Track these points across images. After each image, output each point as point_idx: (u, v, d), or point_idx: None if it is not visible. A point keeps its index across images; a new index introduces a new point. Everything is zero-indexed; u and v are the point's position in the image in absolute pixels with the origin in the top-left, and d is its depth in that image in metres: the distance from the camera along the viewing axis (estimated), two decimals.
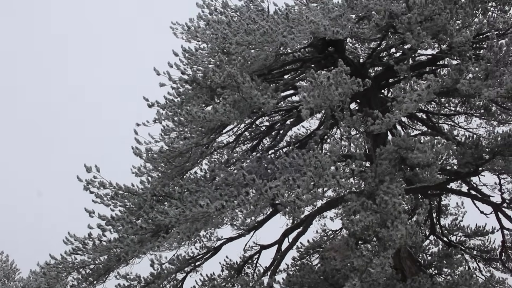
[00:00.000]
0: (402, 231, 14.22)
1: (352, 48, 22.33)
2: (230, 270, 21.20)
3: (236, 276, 20.71)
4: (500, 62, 16.18)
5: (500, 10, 18.67)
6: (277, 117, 21.79)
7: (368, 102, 19.25)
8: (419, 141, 16.47)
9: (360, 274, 15.04)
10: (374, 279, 14.99)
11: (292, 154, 14.48)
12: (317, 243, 22.71)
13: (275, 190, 13.21)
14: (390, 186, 15.51)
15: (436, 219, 23.44)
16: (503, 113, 19.69)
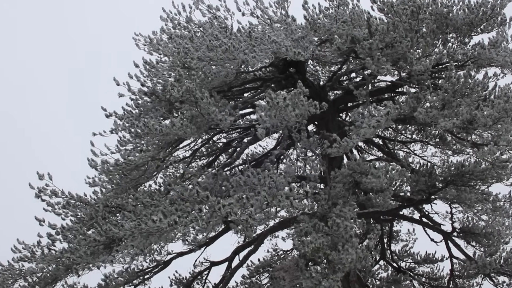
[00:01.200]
0: (353, 255, 14.29)
1: (313, 70, 22.46)
2: (179, 285, 21.09)
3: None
4: (457, 93, 16.42)
5: (460, 42, 18.95)
6: (235, 134, 21.83)
7: (326, 125, 19.39)
8: (374, 166, 16.60)
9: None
10: None
11: (247, 172, 14.47)
12: (268, 263, 22.67)
13: (228, 208, 13.15)
14: (343, 209, 15.61)
15: (387, 245, 23.58)
16: (458, 143, 19.95)
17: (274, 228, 19.78)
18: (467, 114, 15.48)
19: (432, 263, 23.26)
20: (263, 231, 19.72)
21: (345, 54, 18.71)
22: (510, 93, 16.16)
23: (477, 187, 19.23)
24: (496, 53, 17.96)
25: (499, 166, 17.16)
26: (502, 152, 16.32)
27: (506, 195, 20.16)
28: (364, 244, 15.86)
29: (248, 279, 22.02)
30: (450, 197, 19.41)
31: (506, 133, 16.00)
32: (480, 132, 18.27)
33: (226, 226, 18.40)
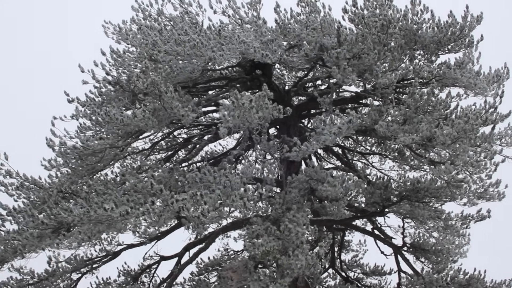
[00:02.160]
0: (302, 261, 14.34)
1: (280, 74, 22.49)
2: (127, 276, 20.99)
3: (131, 284, 20.50)
4: (419, 110, 16.57)
5: (427, 59, 19.10)
6: (196, 131, 21.75)
7: (287, 130, 19.42)
8: (331, 175, 16.69)
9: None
10: None
11: (204, 170, 14.45)
12: (217, 261, 22.63)
13: (181, 204, 13.13)
14: (296, 215, 15.65)
15: (337, 253, 23.71)
16: (415, 159, 20.06)
17: (226, 228, 19.73)
18: (427, 131, 15.63)
19: (380, 275, 23.45)
20: (215, 229, 19.61)
21: (312, 61, 18.75)
22: (471, 114, 16.33)
23: (431, 204, 19.48)
24: (461, 74, 18.13)
25: (454, 185, 17.38)
26: (458, 172, 16.53)
27: (458, 214, 20.44)
28: (314, 251, 15.89)
29: (197, 277, 21.97)
30: (404, 211, 19.63)
31: (464, 153, 16.19)
32: (438, 150, 18.44)
33: (178, 222, 18.35)
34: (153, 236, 19.44)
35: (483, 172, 17.17)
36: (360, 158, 23.57)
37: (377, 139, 21.32)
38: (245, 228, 16.45)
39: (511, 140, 18.77)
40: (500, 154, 18.16)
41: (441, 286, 19.62)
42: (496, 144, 18.48)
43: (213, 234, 19.57)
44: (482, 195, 18.34)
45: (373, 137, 21.16)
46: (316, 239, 19.64)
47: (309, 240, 17.52)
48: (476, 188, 18.17)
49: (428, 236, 21.55)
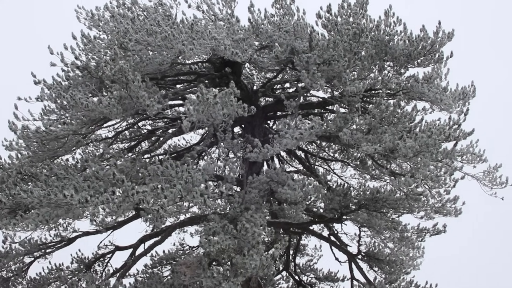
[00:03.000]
0: (257, 261, 14.36)
1: (249, 73, 22.50)
2: (80, 264, 20.84)
3: (84, 271, 20.36)
4: (384, 120, 16.66)
5: (396, 71, 19.23)
6: (161, 123, 21.67)
7: (252, 130, 19.44)
8: (292, 178, 16.75)
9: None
10: None
11: (166, 163, 14.39)
12: (172, 256, 22.53)
13: (141, 196, 13.07)
14: (254, 215, 15.67)
15: (292, 257, 23.78)
16: (377, 169, 20.20)
17: (184, 223, 19.70)
18: (390, 143, 15.72)
19: (333, 281, 23.56)
20: (172, 224, 19.60)
21: (282, 63, 18.77)
22: (434, 129, 16.47)
23: (388, 214, 19.60)
24: (428, 89, 18.27)
25: (413, 198, 17.52)
26: (418, 185, 16.65)
27: (415, 227, 20.61)
28: (269, 252, 15.90)
29: (150, 269, 21.84)
30: (361, 220, 19.75)
31: (424, 167, 16.31)
32: (400, 162, 18.60)
33: (136, 213, 18.26)
34: (109, 225, 19.36)
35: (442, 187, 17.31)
36: (322, 163, 23.67)
37: (341, 146, 21.44)
38: (202, 224, 16.42)
39: (472, 157, 18.99)
40: (460, 171, 18.31)
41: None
42: (457, 160, 18.68)
43: (170, 228, 19.51)
44: (439, 209, 18.53)
45: (336, 144, 21.25)
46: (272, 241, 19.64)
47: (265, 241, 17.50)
48: (434, 203, 18.36)
49: (383, 246, 21.70)
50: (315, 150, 23.40)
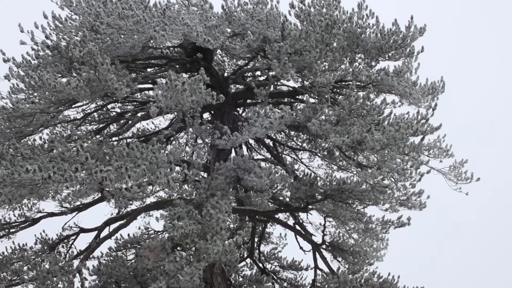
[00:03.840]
0: (219, 246, 14.41)
1: (220, 60, 22.47)
2: (44, 245, 20.70)
3: (48, 252, 20.25)
4: (353, 112, 16.74)
5: (366, 63, 19.32)
6: (130, 106, 21.60)
7: (222, 116, 19.45)
8: (259, 165, 16.80)
9: (169, 279, 15.08)
10: (181, 286, 15.06)
11: (132, 145, 14.36)
12: (137, 239, 22.48)
13: (105, 174, 13.03)
14: (219, 202, 15.70)
15: (257, 244, 23.83)
16: (344, 160, 20.28)
17: (149, 207, 19.62)
18: (358, 135, 15.80)
19: (297, 270, 23.65)
20: (138, 207, 19.55)
21: (254, 51, 18.80)
22: (402, 123, 16.57)
23: (354, 206, 19.73)
24: (398, 82, 18.37)
25: (378, 190, 17.65)
26: (384, 178, 16.77)
27: (379, 219, 20.78)
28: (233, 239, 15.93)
29: (114, 252, 21.79)
30: (326, 210, 19.86)
31: (391, 160, 16.43)
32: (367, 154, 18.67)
33: (101, 196, 18.20)
34: (74, 207, 19.28)
35: (408, 181, 17.48)
36: (290, 152, 23.73)
37: (309, 136, 21.50)
38: (167, 209, 16.40)
39: (438, 152, 19.14)
40: (426, 165, 18.49)
41: (355, 287, 19.92)
42: (423, 154, 18.84)
43: (135, 211, 19.46)
44: (404, 202, 18.70)
45: (305, 134, 21.32)
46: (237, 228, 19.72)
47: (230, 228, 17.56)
48: (399, 195, 18.53)
49: (347, 237, 21.87)
50: (284, 139, 23.45)
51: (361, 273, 20.33)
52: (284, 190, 19.79)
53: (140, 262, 17.01)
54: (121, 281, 18.47)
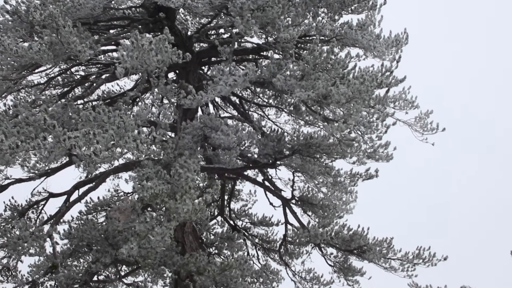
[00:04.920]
0: (189, 205, 14.44)
1: (183, 19, 22.33)
2: (13, 211, 20.63)
3: (18, 218, 20.18)
4: (317, 67, 16.73)
5: (330, 18, 19.27)
6: (94, 69, 21.43)
7: (186, 75, 19.40)
8: (226, 123, 16.80)
9: (140, 240, 15.13)
10: (152, 246, 15.14)
11: (99, 109, 14.28)
12: (106, 202, 22.41)
13: (73, 141, 12.96)
14: (187, 161, 15.70)
15: (227, 202, 23.92)
16: (310, 115, 20.33)
17: (118, 169, 19.59)
18: (323, 89, 15.82)
19: (268, 226, 23.79)
20: (106, 170, 19.52)
21: (217, 8, 18.65)
22: (367, 76, 16.59)
23: (322, 160, 19.84)
24: (362, 35, 18.38)
25: (345, 144, 17.76)
26: (350, 131, 16.86)
27: (348, 172, 20.92)
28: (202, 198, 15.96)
29: (85, 216, 21.75)
30: (295, 165, 19.96)
31: (357, 113, 16.50)
32: (333, 108, 18.74)
33: (69, 160, 18.13)
34: (42, 172, 19.19)
35: (374, 133, 17.60)
36: (256, 109, 23.75)
37: (275, 92, 21.52)
38: (136, 170, 16.39)
39: (404, 104, 19.28)
40: (392, 117, 18.66)
41: (325, 240, 20.17)
42: (389, 106, 18.95)
43: (104, 174, 19.44)
44: (371, 155, 18.85)
45: (270, 90, 21.33)
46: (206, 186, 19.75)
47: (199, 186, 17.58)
48: (366, 148, 18.68)
49: (316, 191, 22.00)
50: (250, 96, 23.44)
51: (331, 226, 20.53)
52: (252, 146, 19.81)
53: (111, 224, 17.02)
54: (93, 244, 18.50)
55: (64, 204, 19.72)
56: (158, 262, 17.29)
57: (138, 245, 15.07)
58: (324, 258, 21.75)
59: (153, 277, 20.76)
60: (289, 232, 22.44)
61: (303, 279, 23.03)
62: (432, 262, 20.13)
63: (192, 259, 17.43)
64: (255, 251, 24.05)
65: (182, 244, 18.73)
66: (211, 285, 16.90)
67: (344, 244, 20.27)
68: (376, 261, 20.49)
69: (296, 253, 22.80)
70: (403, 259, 20.37)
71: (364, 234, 20.06)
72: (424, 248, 20.18)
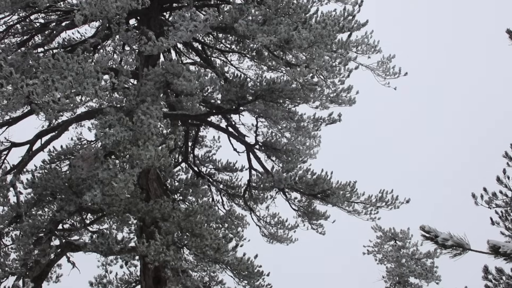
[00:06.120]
0: (152, 152, 14.43)
1: None
2: None
3: None
4: (279, 11, 16.69)
5: None
6: (54, 16, 21.09)
7: (148, 22, 19.22)
8: (188, 69, 16.70)
9: (103, 187, 15.13)
10: (116, 193, 15.14)
11: (58, 56, 14.12)
12: (69, 150, 22.19)
13: (31, 88, 12.84)
14: (150, 107, 15.65)
15: (191, 148, 23.89)
16: (273, 60, 20.30)
17: (80, 117, 19.43)
18: (285, 34, 15.83)
19: (232, 171, 23.80)
20: (69, 118, 19.34)
21: None
22: (329, 20, 16.61)
23: (285, 105, 19.88)
24: None
25: (308, 88, 17.82)
26: (313, 75, 16.91)
27: (311, 117, 20.97)
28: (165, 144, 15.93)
29: (48, 164, 21.60)
30: (258, 110, 19.96)
31: (319, 57, 16.55)
32: (295, 53, 18.74)
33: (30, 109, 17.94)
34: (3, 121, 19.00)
35: (337, 77, 17.70)
36: (219, 55, 23.61)
37: (237, 37, 21.37)
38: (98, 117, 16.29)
39: (366, 48, 19.31)
40: (355, 61, 18.71)
41: (289, 184, 20.30)
42: (351, 51, 18.99)
43: (66, 122, 19.27)
44: (334, 99, 18.94)
45: (233, 35, 21.17)
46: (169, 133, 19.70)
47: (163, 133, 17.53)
48: (329, 93, 18.75)
49: (280, 136, 22.05)
50: (212, 42, 23.28)
51: (295, 171, 20.62)
52: (214, 92, 19.76)
53: (74, 172, 16.96)
54: (57, 192, 18.42)
55: (27, 153, 19.55)
56: (122, 209, 17.30)
57: (101, 192, 15.09)
58: (288, 203, 21.91)
59: (118, 225, 20.78)
60: (253, 177, 22.52)
61: (268, 224, 23.25)
62: (395, 205, 20.40)
63: (157, 205, 17.46)
64: (219, 197, 24.14)
65: (147, 191, 18.75)
66: (176, 231, 16.96)
67: (308, 188, 20.39)
68: (339, 205, 20.69)
69: (260, 198, 22.92)
70: (366, 202, 20.60)
71: (327, 178, 20.17)
72: (387, 191, 20.42)
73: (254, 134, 21.78)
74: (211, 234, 16.68)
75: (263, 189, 22.18)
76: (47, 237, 17.84)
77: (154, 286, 17.99)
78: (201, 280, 18.49)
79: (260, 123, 21.50)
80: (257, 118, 21.15)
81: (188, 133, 22.89)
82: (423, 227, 7.71)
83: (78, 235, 21.16)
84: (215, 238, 16.53)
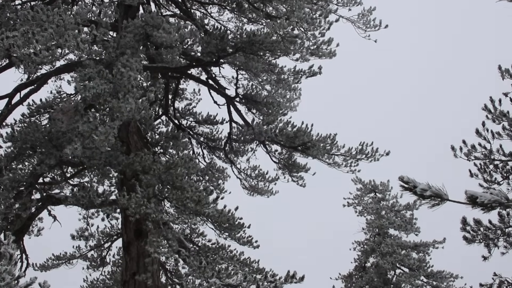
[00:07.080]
0: (132, 104, 14.37)
1: None
2: None
3: None
4: None
5: None
6: None
7: None
8: (167, 21, 16.57)
9: (84, 140, 15.10)
10: (96, 146, 15.12)
11: (37, 8, 13.97)
12: (49, 104, 22.06)
13: (11, 41, 12.73)
14: (130, 60, 15.54)
15: (171, 101, 23.78)
16: (253, 12, 20.18)
17: (60, 70, 19.28)
18: None
19: (212, 124, 23.75)
20: (48, 71, 19.18)
21: None
22: None
23: (265, 57, 19.77)
24: None
25: (289, 41, 17.74)
26: (293, 28, 16.83)
27: (291, 69, 20.94)
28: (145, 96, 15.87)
29: (28, 118, 21.49)
30: (238, 63, 19.87)
31: (300, 9, 16.48)
32: (276, 5, 18.63)
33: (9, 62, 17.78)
34: None
35: (317, 30, 17.62)
36: (199, 7, 23.37)
37: None
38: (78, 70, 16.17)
39: (347, 0, 19.25)
40: (335, 14, 18.63)
41: (270, 137, 20.35)
42: (332, 3, 18.93)
43: (45, 75, 19.14)
44: (314, 52, 18.87)
45: None
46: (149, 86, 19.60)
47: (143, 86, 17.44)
48: (309, 45, 18.66)
49: (260, 89, 21.99)
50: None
51: (275, 124, 20.63)
52: (194, 45, 19.66)
53: (54, 125, 16.91)
54: (37, 146, 18.39)
55: (6, 107, 19.45)
56: (103, 162, 17.31)
57: (82, 145, 15.07)
58: (269, 155, 21.96)
59: (99, 178, 20.81)
60: (233, 130, 22.51)
61: (249, 176, 23.32)
62: (375, 157, 20.50)
63: (137, 158, 17.45)
64: (200, 149, 24.12)
65: (127, 144, 18.73)
66: (156, 183, 16.98)
67: (288, 140, 20.45)
68: (320, 157, 20.75)
69: (241, 150, 22.97)
70: (346, 154, 20.67)
71: (308, 131, 20.21)
72: (367, 143, 20.49)
73: (234, 87, 21.72)
74: (192, 187, 16.72)
75: (243, 141, 22.20)
76: (27, 191, 17.86)
77: (136, 239, 18.10)
78: (182, 232, 18.58)
79: (240, 75, 21.42)
80: (238, 70, 21.06)
81: (168, 86, 22.76)
82: (402, 177, 7.79)
83: (59, 189, 21.21)
84: (196, 191, 16.56)
